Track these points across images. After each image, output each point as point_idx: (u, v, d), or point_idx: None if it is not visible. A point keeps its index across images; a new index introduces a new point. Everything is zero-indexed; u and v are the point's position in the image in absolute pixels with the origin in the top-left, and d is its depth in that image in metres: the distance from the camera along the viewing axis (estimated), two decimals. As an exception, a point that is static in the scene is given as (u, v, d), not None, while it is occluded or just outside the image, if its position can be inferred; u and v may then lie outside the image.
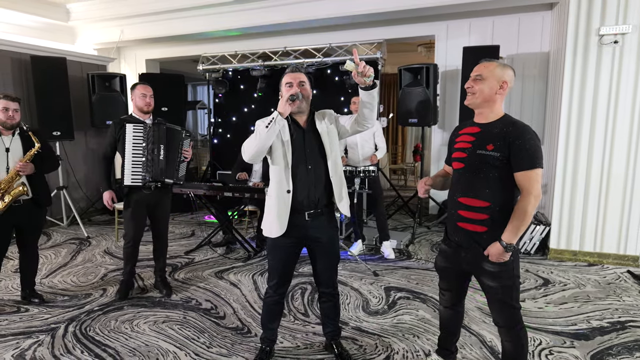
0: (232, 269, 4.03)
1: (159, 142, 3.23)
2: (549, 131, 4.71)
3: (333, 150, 2.25)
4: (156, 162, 3.21)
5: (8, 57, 5.16)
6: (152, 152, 3.20)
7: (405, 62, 5.56)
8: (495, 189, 1.83)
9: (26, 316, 3.09)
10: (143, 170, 3.19)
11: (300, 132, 2.23)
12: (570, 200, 4.08)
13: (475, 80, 1.86)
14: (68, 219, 5.70)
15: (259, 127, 2.09)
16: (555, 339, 2.71)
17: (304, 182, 2.19)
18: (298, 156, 2.19)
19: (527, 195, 1.76)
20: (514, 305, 1.90)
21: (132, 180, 3.18)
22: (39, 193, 3.11)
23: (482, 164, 1.83)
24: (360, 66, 1.92)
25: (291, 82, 2.18)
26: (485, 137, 1.85)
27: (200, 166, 9.15)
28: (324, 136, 2.23)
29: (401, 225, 5.57)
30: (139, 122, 3.24)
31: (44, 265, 4.17)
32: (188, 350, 2.63)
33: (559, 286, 3.54)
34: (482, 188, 1.84)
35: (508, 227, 1.79)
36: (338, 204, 2.26)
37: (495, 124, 1.86)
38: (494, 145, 1.80)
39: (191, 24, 5.93)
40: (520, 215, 1.77)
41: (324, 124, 2.27)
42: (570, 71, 3.94)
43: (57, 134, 5.29)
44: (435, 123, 5.24)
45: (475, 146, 1.87)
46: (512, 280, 1.87)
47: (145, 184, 3.20)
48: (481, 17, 5.22)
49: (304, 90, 2.19)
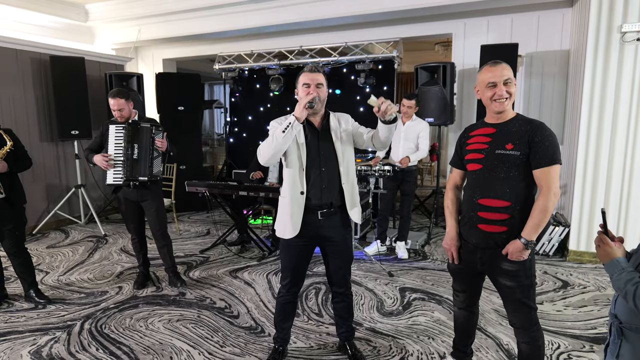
0: (246, 268, 4.04)
1: (133, 142, 3.34)
2: (569, 130, 4.59)
3: (345, 155, 2.23)
4: (130, 161, 3.33)
5: (28, 57, 5.27)
6: (126, 151, 3.32)
7: (422, 60, 5.49)
8: (515, 188, 1.80)
9: (43, 313, 3.14)
10: (122, 169, 3.33)
11: (315, 133, 2.21)
12: (590, 200, 3.98)
13: (507, 84, 1.83)
14: (86, 217, 5.79)
15: (275, 131, 2.09)
16: (574, 343, 2.64)
17: (317, 184, 2.18)
18: (312, 158, 2.18)
19: (547, 192, 1.74)
20: (530, 306, 1.88)
21: (113, 179, 3.33)
22: (13, 192, 3.10)
23: (502, 164, 1.81)
24: (383, 105, 1.96)
25: (309, 83, 2.13)
26: (502, 136, 1.83)
27: (217, 165, 9.23)
28: (336, 142, 2.21)
29: (417, 225, 5.51)
30: (120, 123, 3.35)
31: (62, 262, 4.25)
32: (202, 349, 2.64)
33: (578, 289, 3.45)
34: (502, 188, 1.81)
35: (528, 224, 1.76)
36: (349, 211, 2.25)
37: (511, 123, 1.85)
38: (513, 144, 1.79)
39: (207, 24, 5.97)
40: (541, 212, 1.75)
41: (338, 127, 2.24)
42: (591, 69, 3.83)
43: (75, 132, 5.38)
44: (452, 122, 5.16)
45: (493, 146, 1.84)
46: (529, 279, 1.86)
47: (123, 182, 3.33)
48: (500, 15, 5.12)
49: (321, 92, 2.15)
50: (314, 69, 2.17)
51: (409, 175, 4.19)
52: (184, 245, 4.81)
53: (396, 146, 4.23)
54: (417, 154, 4.15)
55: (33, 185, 5.28)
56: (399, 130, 4.19)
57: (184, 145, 5.57)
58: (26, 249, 3.29)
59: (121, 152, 3.32)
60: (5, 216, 3.09)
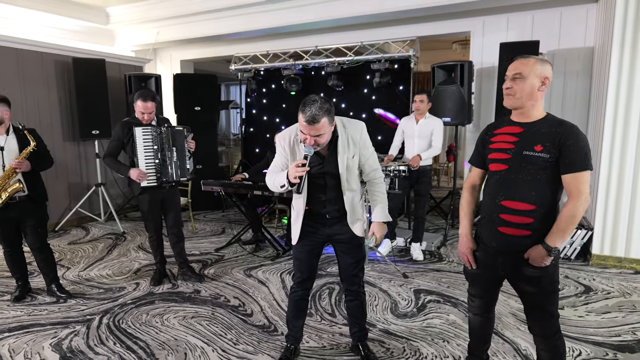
0: (260, 267, 4.05)
1: (169, 145, 3.41)
2: (593, 131, 4.46)
3: (351, 183, 2.19)
4: (169, 164, 3.42)
5: (52, 60, 5.41)
6: (163, 154, 3.39)
7: (439, 60, 5.41)
8: (541, 192, 1.71)
9: (64, 307, 3.21)
10: (156, 171, 3.38)
11: (320, 159, 2.14)
12: (615, 203, 3.85)
13: (514, 79, 1.74)
14: (105, 214, 5.91)
15: (275, 180, 2.14)
16: (596, 350, 2.55)
17: (322, 202, 2.21)
18: (317, 181, 2.17)
19: (578, 198, 1.65)
20: (552, 313, 1.80)
21: (147, 181, 3.37)
22: (35, 190, 3.20)
23: (529, 165, 1.72)
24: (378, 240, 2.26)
25: (307, 135, 1.98)
26: (531, 137, 1.73)
27: (232, 165, 9.30)
28: (342, 167, 2.13)
29: (433, 227, 5.44)
30: (145, 125, 3.38)
31: (82, 258, 4.34)
32: (215, 346, 2.65)
33: (601, 294, 3.34)
34: (528, 190, 1.72)
35: (553, 230, 1.68)
36: (351, 226, 2.23)
37: (541, 124, 1.74)
38: (543, 145, 1.69)
39: (224, 24, 6.02)
40: (569, 218, 1.66)
41: (346, 151, 2.13)
42: (617, 67, 3.71)
43: (95, 132, 5.50)
44: (469, 122, 5.08)
45: (520, 146, 1.74)
46: (552, 285, 1.77)
47: (160, 184, 3.40)
48: (520, 12, 5.01)
49: (320, 140, 2.00)
50: (312, 120, 1.91)
51: (423, 175, 4.12)
52: (199, 243, 4.86)
53: (410, 145, 4.17)
54: (430, 152, 4.05)
55: (56, 183, 5.41)
56: (412, 129, 4.14)
57: (200, 145, 5.56)
58: (48, 244, 3.38)
59: (152, 154, 3.37)
60: (28, 213, 3.19)
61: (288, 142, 2.18)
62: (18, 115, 4.93)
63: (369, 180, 2.26)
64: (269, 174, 2.23)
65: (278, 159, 2.24)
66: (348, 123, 2.19)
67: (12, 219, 3.16)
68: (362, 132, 2.19)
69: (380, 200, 2.24)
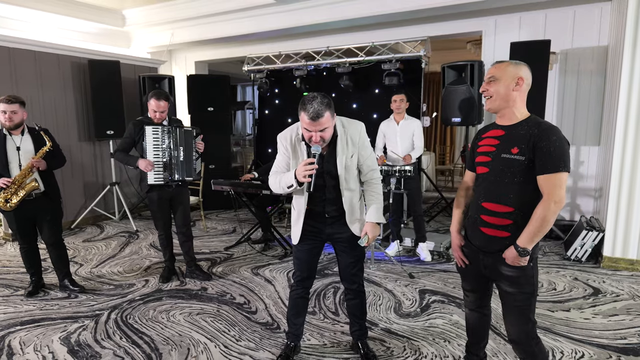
0: (268, 266, 4.10)
1: (178, 144, 3.49)
2: (606, 131, 4.37)
3: (349, 183, 2.21)
4: (177, 163, 3.49)
5: (69, 62, 5.57)
6: (171, 153, 3.47)
7: (453, 60, 5.36)
8: (519, 194, 1.73)
9: (75, 302, 3.31)
10: (164, 170, 3.47)
11: (319, 159, 2.15)
12: (627, 205, 3.76)
13: (489, 82, 1.79)
14: (119, 213, 6.05)
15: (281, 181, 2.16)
16: (600, 353, 2.51)
17: (321, 202, 2.23)
18: (316, 181, 2.16)
19: (547, 201, 1.65)
20: (529, 317, 1.81)
21: (154, 179, 3.46)
22: (50, 187, 3.33)
23: (507, 168, 1.75)
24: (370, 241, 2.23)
25: (311, 130, 2.02)
26: (509, 139, 1.76)
27: (246, 165, 9.38)
28: (340, 166, 2.16)
29: (443, 227, 5.40)
30: (156, 125, 3.47)
31: (95, 255, 4.46)
32: (218, 342, 2.70)
33: (610, 297, 3.27)
34: (506, 193, 1.75)
35: (524, 232, 1.70)
36: (350, 226, 2.24)
37: (520, 126, 1.76)
38: (519, 148, 1.71)
39: (237, 26, 6.11)
40: (538, 221, 1.66)
41: (345, 151, 2.16)
42: (629, 66, 3.63)
43: (110, 132, 5.64)
44: (480, 122, 5.02)
45: (499, 150, 1.78)
46: (531, 287, 1.79)
47: (167, 182, 3.48)
48: (532, 11, 4.95)
49: (325, 134, 2.04)
50: (315, 115, 1.96)
51: (411, 182, 4.13)
52: (209, 242, 4.93)
53: (394, 146, 4.23)
54: (414, 153, 4.16)
55: (71, 182, 5.57)
56: (394, 130, 4.22)
57: (213, 145, 5.69)
58: (63, 240, 3.49)
59: (160, 153, 3.46)
60: (45, 209, 3.32)
61: (290, 142, 2.21)
62: (36, 115, 5.10)
63: (367, 180, 2.28)
64: (272, 176, 2.25)
65: (280, 159, 2.26)
66: (347, 123, 2.21)
67: (29, 216, 3.29)
68: (361, 132, 2.21)
69: (376, 201, 2.25)
